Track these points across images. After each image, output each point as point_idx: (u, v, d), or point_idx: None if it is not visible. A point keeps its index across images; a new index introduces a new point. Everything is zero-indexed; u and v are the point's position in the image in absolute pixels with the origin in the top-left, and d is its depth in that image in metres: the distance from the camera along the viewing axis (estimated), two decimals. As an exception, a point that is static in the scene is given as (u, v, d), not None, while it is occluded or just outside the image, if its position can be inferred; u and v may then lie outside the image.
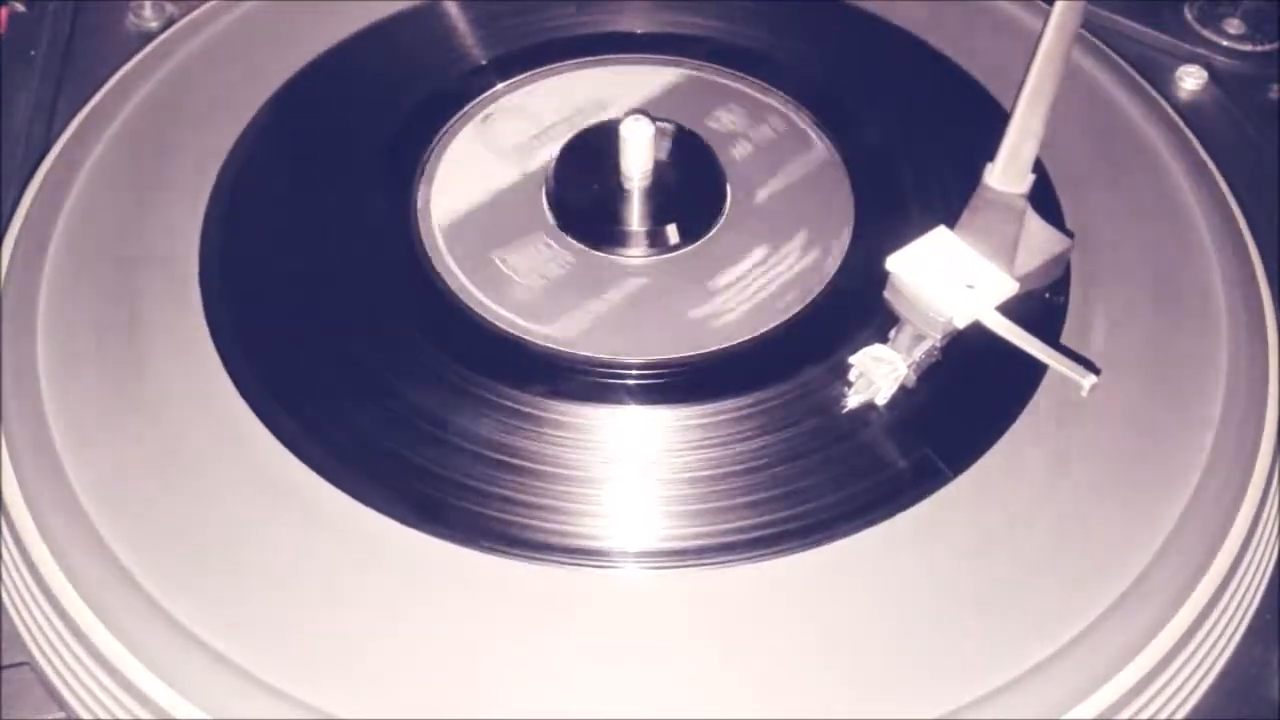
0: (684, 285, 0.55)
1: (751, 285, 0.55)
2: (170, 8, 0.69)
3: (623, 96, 0.63)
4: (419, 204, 0.58)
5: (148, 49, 0.65)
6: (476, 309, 0.54)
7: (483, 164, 0.60)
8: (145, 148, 0.60)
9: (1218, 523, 0.49)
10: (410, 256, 0.56)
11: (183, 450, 0.50)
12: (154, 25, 0.69)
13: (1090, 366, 0.50)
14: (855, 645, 0.45)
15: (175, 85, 0.63)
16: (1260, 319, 0.55)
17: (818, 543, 0.47)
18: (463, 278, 0.55)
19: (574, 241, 0.57)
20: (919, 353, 0.50)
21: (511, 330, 0.54)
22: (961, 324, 0.49)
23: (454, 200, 0.59)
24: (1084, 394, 0.48)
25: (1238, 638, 0.49)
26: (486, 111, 0.62)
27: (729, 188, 0.59)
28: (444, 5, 0.67)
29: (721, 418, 0.50)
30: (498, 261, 0.56)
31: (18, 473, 0.49)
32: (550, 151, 0.60)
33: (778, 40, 0.65)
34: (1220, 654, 0.48)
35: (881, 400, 0.50)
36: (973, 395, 0.52)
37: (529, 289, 0.55)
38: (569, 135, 0.60)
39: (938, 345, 0.51)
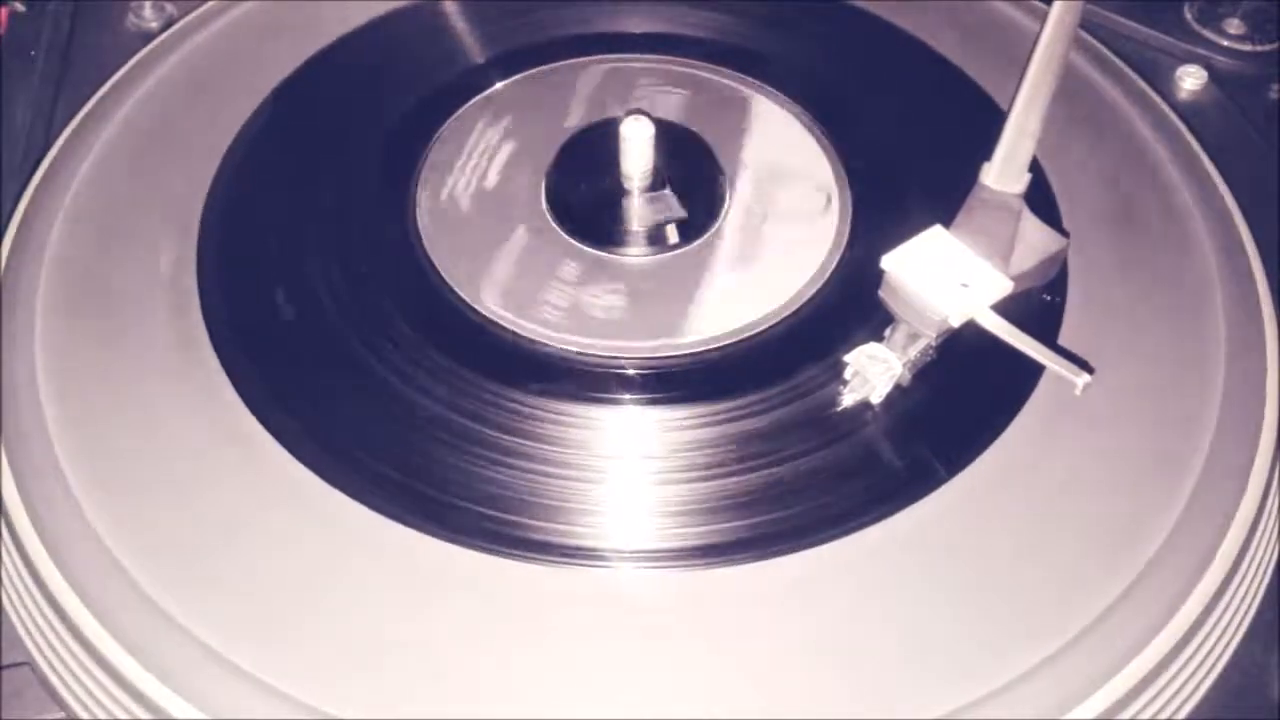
0: (683, 285, 0.55)
1: (749, 285, 0.55)
2: (170, 8, 0.69)
3: (622, 96, 0.63)
4: (418, 203, 0.58)
5: (148, 49, 0.65)
6: (476, 308, 0.54)
7: (482, 163, 0.60)
8: (144, 147, 0.60)
9: (1218, 523, 0.49)
10: (409, 255, 0.56)
11: (182, 450, 0.50)
12: (154, 25, 0.69)
13: (1084, 366, 0.50)
14: (855, 645, 0.45)
15: (175, 85, 0.63)
16: (1259, 319, 0.55)
17: (816, 543, 0.47)
18: (462, 277, 0.55)
19: (573, 241, 0.57)
20: (914, 352, 0.50)
21: (511, 330, 0.54)
22: (956, 323, 0.49)
23: (453, 199, 0.59)
24: (1078, 393, 0.48)
25: (1238, 638, 0.49)
26: (486, 111, 0.62)
27: (728, 188, 0.59)
28: (444, 4, 0.67)
29: (719, 417, 0.50)
30: (497, 261, 0.56)
31: (17, 473, 0.49)
32: (549, 151, 0.60)
33: (776, 40, 0.65)
34: (1220, 654, 0.48)
35: (877, 399, 0.51)
36: (970, 395, 0.52)
37: (528, 288, 0.55)
38: (569, 135, 0.60)
39: (933, 344, 0.51)
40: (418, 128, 0.61)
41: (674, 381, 0.52)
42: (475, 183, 0.59)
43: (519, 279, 0.56)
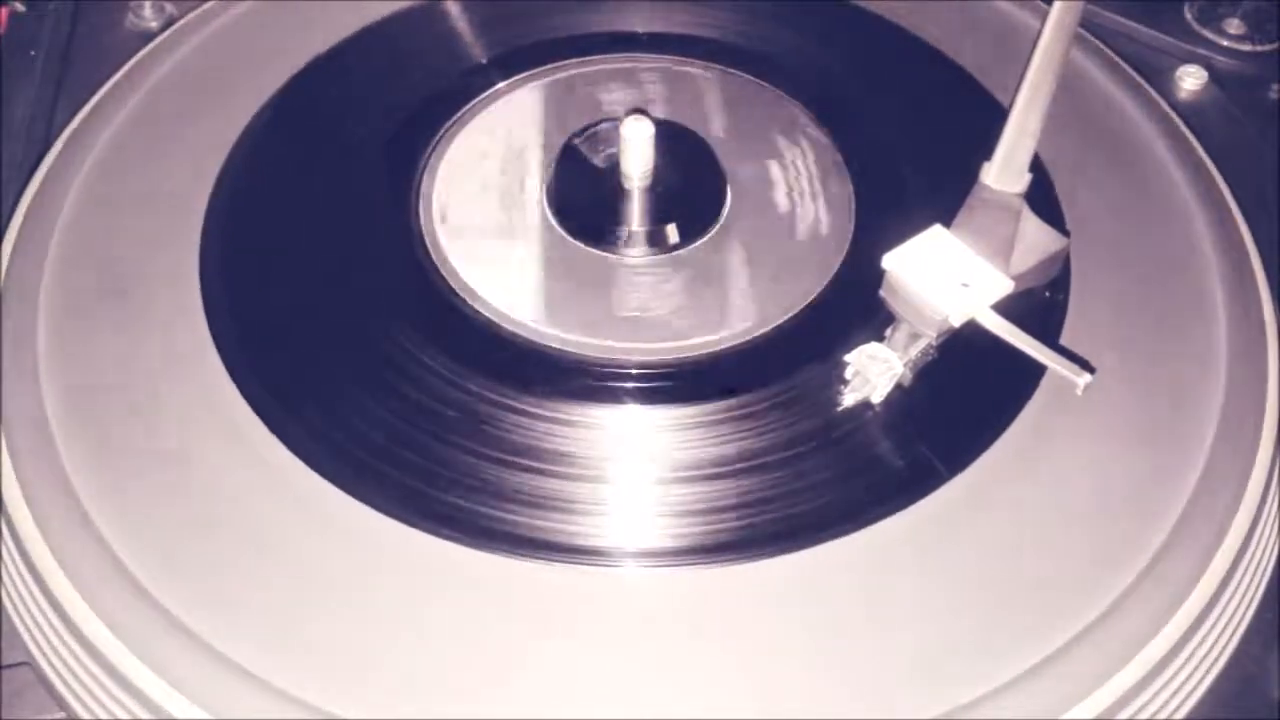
0: (684, 285, 0.55)
1: (750, 284, 0.55)
2: (170, 8, 0.69)
3: (623, 96, 0.63)
4: (419, 203, 0.58)
5: (148, 49, 0.65)
6: (477, 308, 0.54)
7: (483, 163, 0.60)
8: (145, 147, 0.60)
9: (1218, 523, 0.49)
10: (411, 256, 0.56)
11: (183, 450, 0.50)
12: (154, 25, 0.69)
13: (1085, 365, 0.50)
14: (854, 645, 0.45)
15: (175, 85, 0.63)
16: (1260, 319, 0.55)
17: (816, 543, 0.47)
18: (464, 277, 0.55)
19: (574, 241, 0.57)
20: (915, 351, 0.50)
21: (512, 330, 0.54)
22: (957, 322, 0.49)
23: (455, 200, 0.59)
24: (1079, 393, 0.48)
25: (1238, 638, 0.49)
26: (486, 111, 0.62)
27: (729, 188, 0.59)
28: (444, 5, 0.67)
29: (720, 417, 0.50)
30: (498, 261, 0.56)
31: (18, 473, 0.49)
32: (550, 151, 0.60)
33: (777, 40, 0.65)
34: (1220, 654, 0.48)
35: (877, 399, 0.51)
36: (970, 395, 0.52)
37: (529, 289, 0.55)
38: (569, 135, 0.60)
39: (933, 344, 0.51)
40: (419, 128, 0.61)
41: (674, 381, 0.52)
42: (477, 183, 0.59)
43: (520, 279, 0.56)
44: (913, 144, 0.60)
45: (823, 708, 0.44)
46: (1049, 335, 0.53)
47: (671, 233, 0.57)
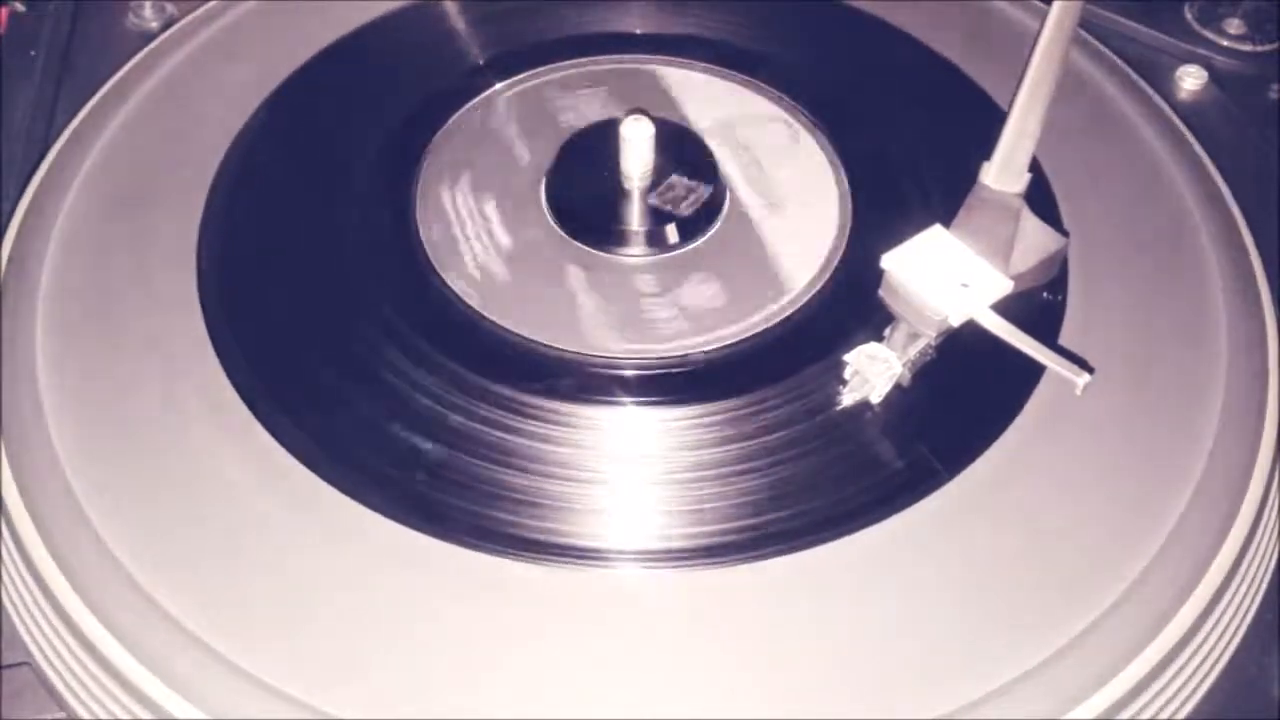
0: (683, 285, 0.55)
1: (750, 285, 0.55)
2: (170, 8, 0.69)
3: (622, 96, 0.63)
4: (418, 204, 0.58)
5: (148, 49, 0.65)
6: (476, 308, 0.54)
7: (482, 164, 0.60)
8: (145, 147, 0.60)
9: (1218, 523, 0.49)
10: (409, 256, 0.56)
11: (182, 450, 0.50)
12: (154, 25, 0.69)
13: (1084, 365, 0.50)
14: (855, 645, 0.45)
15: (175, 85, 0.63)
16: (1260, 318, 0.55)
17: (816, 543, 0.47)
18: (462, 277, 0.55)
19: (573, 241, 0.57)
20: (914, 351, 0.50)
21: (511, 330, 0.54)
22: (956, 322, 0.49)
23: (453, 200, 0.59)
24: (1078, 393, 0.48)
25: (1238, 638, 0.49)
26: (486, 112, 0.62)
27: (727, 188, 0.59)
28: (444, 5, 0.67)
29: (719, 418, 0.50)
30: (498, 261, 0.56)
31: (17, 473, 0.49)
32: (550, 151, 0.60)
33: (776, 41, 0.65)
34: (1220, 654, 0.48)
35: (876, 399, 0.51)
36: (970, 395, 0.52)
37: (529, 288, 0.55)
38: (568, 135, 0.60)
39: (933, 344, 0.51)
40: (418, 128, 0.61)
41: (674, 382, 0.52)
42: (475, 183, 0.59)
43: (519, 279, 0.56)
44: (911, 144, 0.60)
45: (823, 708, 0.44)
46: (1048, 335, 0.53)
47: (671, 233, 0.57)
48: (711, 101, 0.63)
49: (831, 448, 0.50)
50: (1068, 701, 0.44)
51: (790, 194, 0.59)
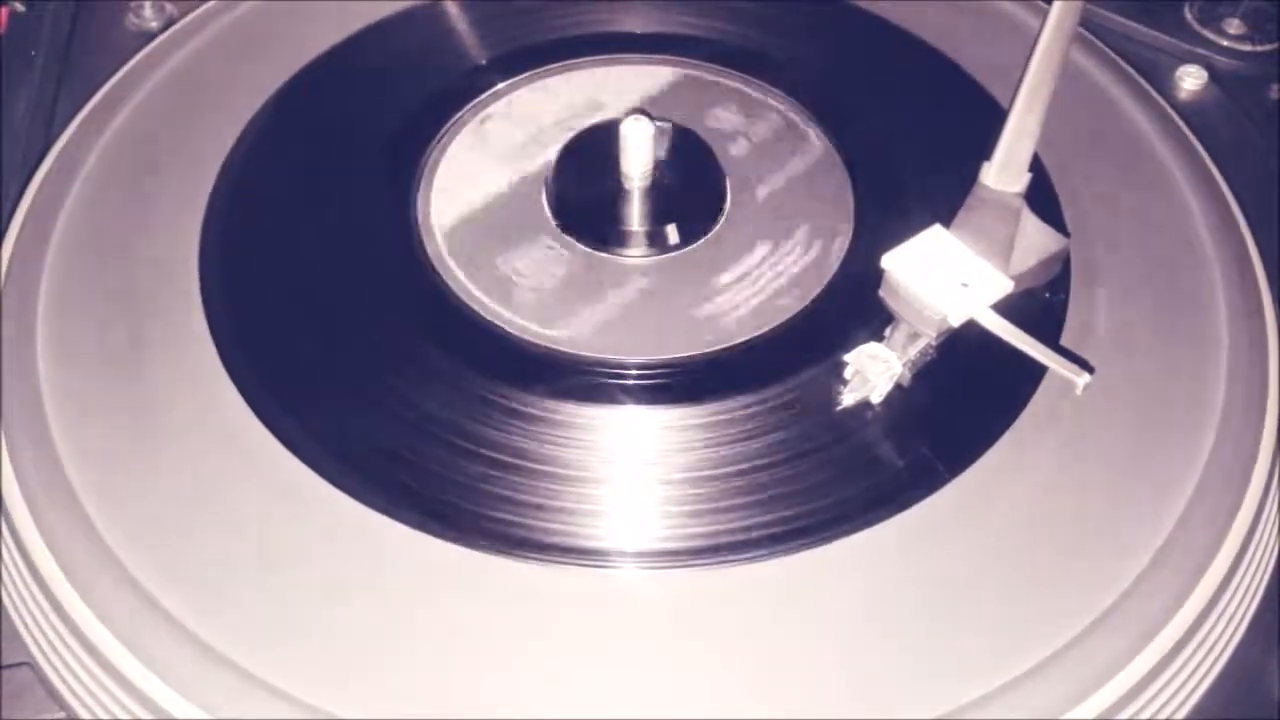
0: (683, 285, 0.55)
1: (750, 285, 0.55)
2: (170, 8, 0.69)
3: (622, 96, 0.63)
4: (419, 204, 0.58)
5: (148, 49, 0.65)
6: (477, 309, 0.54)
7: (483, 164, 0.60)
8: (145, 148, 0.60)
9: (1218, 523, 0.49)
10: (410, 256, 0.56)
11: (183, 450, 0.50)
12: (154, 25, 0.69)
13: (1084, 365, 0.50)
14: (855, 645, 0.45)
15: (175, 85, 0.63)
16: (1260, 318, 0.55)
17: (816, 543, 0.47)
18: (463, 278, 0.55)
19: (574, 241, 0.57)
20: (914, 351, 0.50)
21: (511, 330, 0.54)
22: (956, 322, 0.49)
23: (454, 200, 0.59)
24: (1078, 392, 0.48)
25: (1238, 638, 0.49)
26: (486, 112, 0.62)
27: (729, 188, 0.59)
28: (444, 5, 0.67)
29: (720, 418, 0.50)
30: (497, 261, 0.56)
31: (18, 473, 0.49)
32: (550, 151, 0.60)
33: (776, 40, 0.65)
34: (1220, 654, 0.48)
35: (876, 399, 0.51)
36: (970, 395, 0.52)
37: (529, 289, 0.55)
38: (569, 135, 0.60)
39: (933, 344, 0.51)
40: (419, 129, 0.61)
41: (674, 382, 0.52)
42: (477, 184, 0.59)
43: (520, 280, 0.56)
44: (912, 144, 0.60)
45: (823, 708, 0.44)
46: (1048, 335, 0.53)
47: (671, 233, 0.57)
48: (712, 101, 0.63)
49: (832, 448, 0.50)
50: (1068, 701, 0.44)
51: (790, 193, 0.59)
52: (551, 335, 0.53)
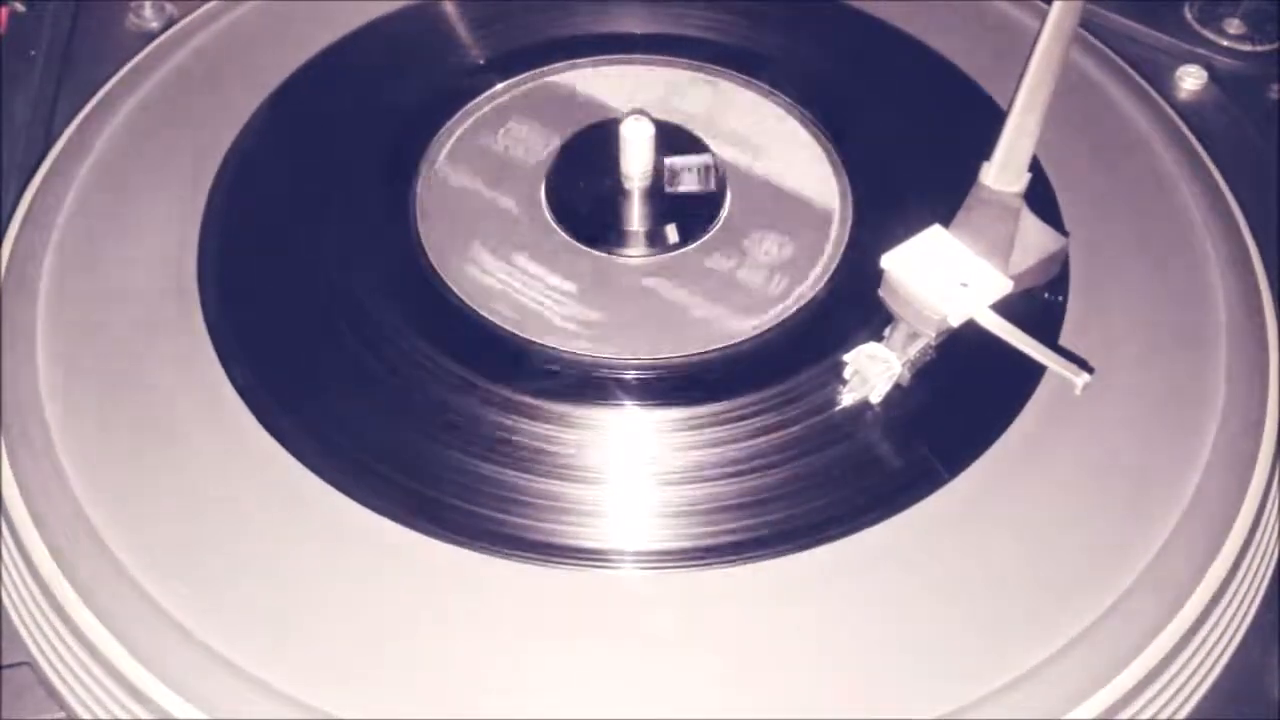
0: (683, 285, 0.55)
1: (749, 285, 0.55)
2: (170, 8, 0.69)
3: (622, 96, 0.63)
4: (418, 203, 0.58)
5: (148, 49, 0.65)
6: (476, 309, 0.54)
7: (482, 164, 0.60)
8: (145, 148, 0.60)
9: (1218, 523, 0.49)
10: (409, 256, 0.56)
11: (182, 450, 0.50)
12: (154, 25, 0.69)
13: (1084, 365, 0.50)
14: (855, 645, 0.45)
15: (175, 85, 0.63)
16: (1260, 318, 0.55)
17: (816, 543, 0.47)
18: (461, 277, 0.55)
19: (573, 241, 0.57)
20: (913, 351, 0.50)
21: (510, 330, 0.54)
22: (955, 322, 0.49)
23: (453, 200, 0.59)
24: (1078, 392, 0.48)
25: (1238, 638, 0.49)
26: (486, 111, 0.62)
27: (728, 188, 0.59)
28: (443, 5, 0.67)
29: (720, 418, 0.50)
30: (497, 261, 0.56)
31: (17, 473, 0.49)
32: (550, 151, 0.60)
33: (776, 40, 0.65)
34: (1220, 654, 0.48)
35: (876, 398, 0.51)
36: (970, 395, 0.52)
37: (529, 289, 0.55)
38: (568, 135, 0.60)
39: (932, 344, 0.51)
40: (418, 129, 0.61)
41: (674, 382, 0.52)
42: (475, 184, 0.59)
43: (520, 280, 0.56)
44: (911, 144, 0.60)
45: (822, 708, 0.44)
46: (1048, 335, 0.53)
47: (671, 233, 0.57)
48: (712, 102, 0.63)
49: (831, 449, 0.50)
50: (1068, 701, 0.44)
51: (790, 194, 0.59)
52: (550, 335, 0.53)
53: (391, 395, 0.51)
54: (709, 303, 0.55)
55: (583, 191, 0.58)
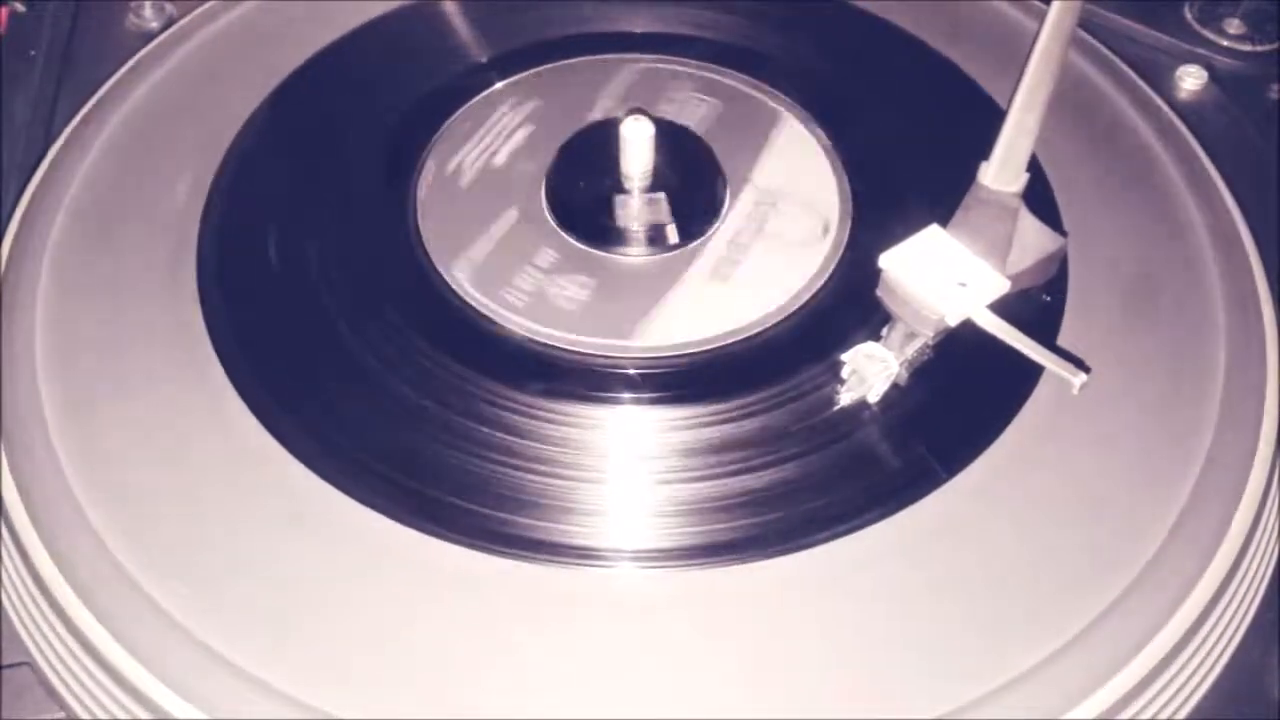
0: (682, 284, 0.55)
1: (748, 284, 0.55)
2: (170, 8, 0.70)
3: (621, 96, 0.63)
4: (417, 203, 0.58)
5: (148, 49, 0.65)
6: (476, 308, 0.54)
7: (482, 163, 0.60)
8: (144, 147, 0.60)
9: (1218, 523, 0.49)
10: (408, 255, 0.56)
11: (182, 450, 0.50)
12: (154, 25, 0.69)
13: (1081, 365, 0.50)
14: (854, 645, 0.45)
15: (175, 85, 0.63)
16: (1259, 318, 0.55)
17: (816, 543, 0.47)
18: (461, 277, 0.55)
19: (573, 240, 0.57)
20: (911, 350, 0.50)
21: (510, 329, 0.54)
22: (953, 322, 0.49)
23: (454, 200, 0.59)
24: (1075, 392, 0.48)
25: (1238, 638, 0.49)
26: (485, 110, 0.62)
27: (727, 187, 0.59)
28: (443, 5, 0.67)
29: (718, 417, 0.50)
30: (496, 260, 0.56)
31: (17, 473, 0.49)
32: (549, 151, 0.60)
33: (776, 40, 0.65)
34: (1220, 654, 0.48)
35: (874, 398, 0.51)
36: (969, 395, 0.52)
37: (528, 288, 0.55)
38: (569, 135, 0.60)
39: (930, 343, 0.51)
40: (417, 128, 0.61)
41: (673, 381, 0.52)
42: (475, 183, 0.59)
43: (519, 279, 0.56)
44: (910, 144, 0.60)
45: (822, 708, 0.44)
46: (1046, 335, 0.53)
47: (671, 232, 0.57)
48: (712, 101, 0.63)
49: (830, 448, 0.50)
50: (1068, 701, 0.44)
51: (789, 193, 0.59)
52: (550, 334, 0.53)
53: (391, 395, 0.51)
54: (707, 302, 0.55)
55: (583, 191, 0.58)
